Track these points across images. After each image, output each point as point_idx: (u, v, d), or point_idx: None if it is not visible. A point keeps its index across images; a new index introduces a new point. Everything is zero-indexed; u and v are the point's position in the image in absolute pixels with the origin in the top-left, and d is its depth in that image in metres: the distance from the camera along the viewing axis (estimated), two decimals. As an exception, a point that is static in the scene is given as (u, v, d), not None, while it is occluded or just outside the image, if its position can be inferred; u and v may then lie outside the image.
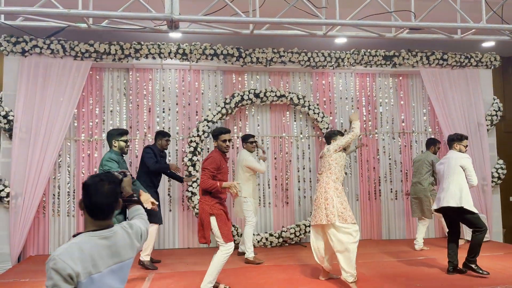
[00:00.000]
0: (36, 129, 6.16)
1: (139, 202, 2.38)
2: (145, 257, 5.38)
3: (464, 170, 4.94)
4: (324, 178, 4.59)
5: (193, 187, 6.57)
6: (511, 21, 4.25)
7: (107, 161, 4.27)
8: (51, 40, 6.21)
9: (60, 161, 6.58)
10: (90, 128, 6.73)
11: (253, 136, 6.01)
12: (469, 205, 4.81)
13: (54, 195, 6.54)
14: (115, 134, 4.49)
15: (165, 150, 5.92)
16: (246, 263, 5.59)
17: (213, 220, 4.23)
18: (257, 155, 6.49)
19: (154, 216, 5.02)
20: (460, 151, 5.10)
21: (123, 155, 4.56)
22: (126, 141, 4.52)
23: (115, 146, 4.45)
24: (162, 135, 5.81)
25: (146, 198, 3.59)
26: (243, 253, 5.89)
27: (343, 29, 4.36)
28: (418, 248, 6.35)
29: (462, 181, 4.91)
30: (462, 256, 5.02)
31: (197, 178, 6.32)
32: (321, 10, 3.95)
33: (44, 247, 6.41)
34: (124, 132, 4.54)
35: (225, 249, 4.25)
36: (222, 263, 4.27)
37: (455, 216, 5.00)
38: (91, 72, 6.70)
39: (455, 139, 5.15)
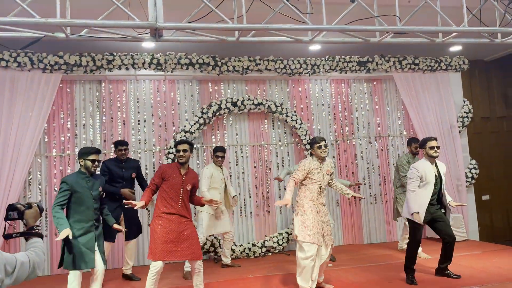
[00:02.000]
0: (4, 146, 5.83)
1: (39, 235, 2.24)
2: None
3: None
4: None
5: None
6: (489, 24, 4.40)
7: (61, 183, 4.09)
8: (17, 53, 5.91)
9: (31, 179, 6.24)
10: (62, 143, 6.42)
11: (222, 151, 5.76)
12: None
13: (24, 215, 6.16)
14: (82, 152, 4.19)
15: (140, 160, 5.77)
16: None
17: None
18: (226, 175, 5.99)
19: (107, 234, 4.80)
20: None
21: (91, 175, 4.19)
22: (94, 161, 4.13)
23: (82, 165, 4.15)
24: (115, 145, 5.59)
25: None
26: (227, 265, 5.98)
27: (327, 35, 4.35)
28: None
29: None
30: (455, 262, 5.06)
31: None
32: (307, 16, 3.93)
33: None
34: (92, 151, 4.18)
35: (151, 267, 4.16)
36: (149, 280, 4.14)
37: None
38: (61, 85, 6.42)
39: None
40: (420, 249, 5.94)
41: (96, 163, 4.16)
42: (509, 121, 8.56)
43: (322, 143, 4.65)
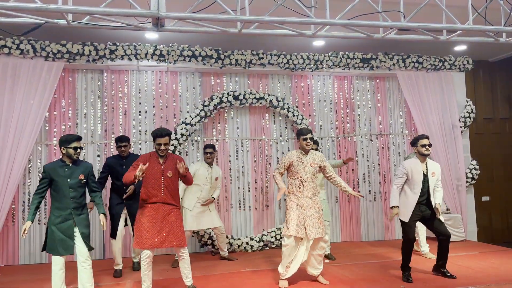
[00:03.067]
0: (5, 133, 5.83)
1: None
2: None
3: None
4: None
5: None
6: (494, 23, 4.36)
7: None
8: (20, 40, 5.90)
9: (30, 167, 6.25)
10: (62, 132, 6.41)
11: (210, 147, 5.78)
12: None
13: (24, 202, 6.19)
14: (63, 140, 4.14)
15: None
16: None
17: None
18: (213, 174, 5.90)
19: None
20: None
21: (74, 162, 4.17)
22: (76, 148, 4.11)
23: (63, 154, 4.13)
24: (115, 141, 5.43)
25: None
26: (224, 258, 6.06)
27: (330, 30, 4.33)
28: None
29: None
30: (453, 261, 5.07)
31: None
32: (311, 10, 3.91)
33: (14, 257, 6.05)
34: (73, 139, 4.13)
35: (141, 255, 4.25)
36: (142, 268, 4.24)
37: None
38: (63, 74, 6.41)
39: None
40: (427, 249, 5.97)
41: (79, 150, 4.16)
42: (512, 123, 8.54)
43: (308, 135, 4.69)
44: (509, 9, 4.40)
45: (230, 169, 6.96)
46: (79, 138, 4.21)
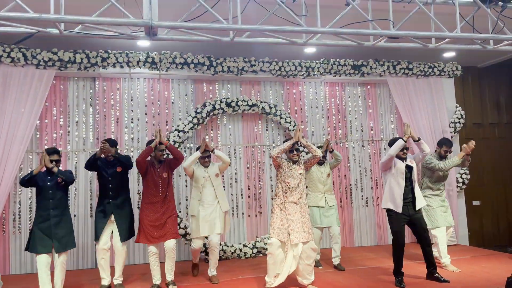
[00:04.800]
0: (-5, 142, 5.78)
1: None
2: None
3: None
4: None
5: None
6: (482, 31, 4.45)
7: None
8: (11, 48, 5.87)
9: (21, 175, 6.18)
10: (54, 140, 6.38)
11: (207, 151, 5.36)
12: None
13: (14, 212, 6.14)
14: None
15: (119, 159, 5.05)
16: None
17: None
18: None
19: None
20: None
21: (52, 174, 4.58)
22: (52, 161, 4.57)
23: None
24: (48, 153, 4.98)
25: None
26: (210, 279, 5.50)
27: (322, 38, 4.38)
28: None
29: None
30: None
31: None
32: (302, 19, 3.95)
33: (5, 267, 5.98)
34: (49, 152, 4.62)
35: (148, 252, 4.90)
36: (151, 264, 4.88)
37: None
38: (54, 82, 6.38)
39: None
40: (448, 261, 5.53)
41: (54, 162, 4.61)
42: (501, 128, 8.64)
43: (293, 147, 4.81)
44: (496, 16, 4.48)
45: (223, 176, 6.95)
46: (55, 152, 4.71)
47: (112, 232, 4.93)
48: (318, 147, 6.05)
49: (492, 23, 4.54)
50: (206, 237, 5.48)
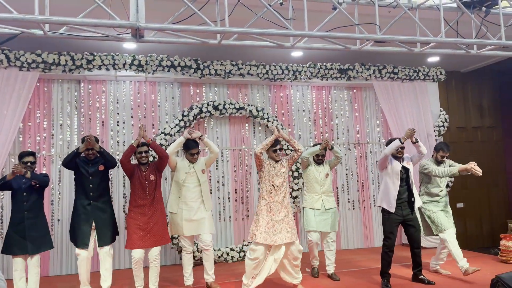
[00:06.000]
0: (-23, 145, 5.66)
1: None
2: None
3: None
4: None
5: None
6: (466, 36, 4.53)
7: None
8: (-7, 49, 5.77)
9: (3, 179, 6.07)
10: (37, 143, 6.28)
11: (196, 147, 5.05)
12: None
13: (-4, 216, 6.01)
14: (18, 156, 4.68)
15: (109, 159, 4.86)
16: None
17: None
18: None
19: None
20: None
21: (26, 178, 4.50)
22: (26, 162, 4.54)
23: None
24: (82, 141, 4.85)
25: None
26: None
27: (309, 41, 4.40)
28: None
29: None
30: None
31: None
32: (289, 22, 3.97)
33: None
34: (24, 154, 4.64)
35: (132, 260, 4.73)
36: (134, 271, 4.72)
37: None
38: (38, 84, 6.27)
39: None
40: (466, 264, 5.13)
41: (29, 164, 4.55)
42: (484, 131, 8.79)
43: (277, 146, 4.80)
44: (479, 22, 4.56)
45: (210, 179, 6.92)
46: (30, 154, 4.66)
47: (95, 236, 4.75)
48: (315, 145, 5.82)
49: (476, 28, 4.62)
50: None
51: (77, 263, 4.77)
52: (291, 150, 5.90)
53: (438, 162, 5.46)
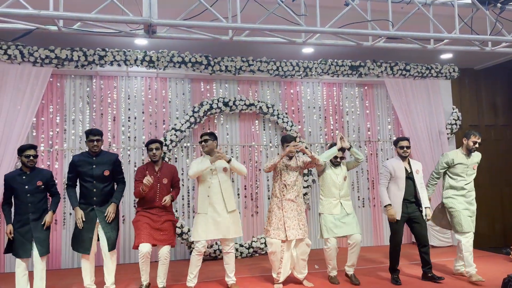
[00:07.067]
0: (-9, 139, 5.74)
1: None
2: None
3: None
4: None
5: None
6: (480, 33, 4.46)
7: None
8: (8, 45, 5.84)
9: (17, 173, 6.15)
10: (50, 138, 6.35)
11: (207, 135, 4.88)
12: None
13: (10, 209, 6.08)
14: (18, 150, 4.47)
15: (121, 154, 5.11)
16: None
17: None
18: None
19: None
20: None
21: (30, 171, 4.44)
22: (28, 156, 4.38)
23: (21, 162, 4.46)
24: (86, 135, 4.65)
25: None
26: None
27: (320, 38, 4.38)
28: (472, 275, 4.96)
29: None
30: (439, 267, 5.13)
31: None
32: (301, 18, 3.95)
33: (0, 267, 5.95)
34: (26, 148, 4.44)
35: (139, 254, 4.56)
36: (140, 264, 4.58)
37: None
38: (51, 79, 6.35)
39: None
40: (474, 270, 4.94)
41: (31, 157, 4.40)
42: (497, 130, 8.68)
43: (292, 143, 4.83)
44: (494, 18, 4.50)
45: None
46: (31, 147, 4.47)
47: (98, 240, 4.59)
48: (331, 145, 5.22)
49: (490, 25, 4.55)
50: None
51: (82, 267, 4.64)
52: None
53: (470, 151, 5.06)
